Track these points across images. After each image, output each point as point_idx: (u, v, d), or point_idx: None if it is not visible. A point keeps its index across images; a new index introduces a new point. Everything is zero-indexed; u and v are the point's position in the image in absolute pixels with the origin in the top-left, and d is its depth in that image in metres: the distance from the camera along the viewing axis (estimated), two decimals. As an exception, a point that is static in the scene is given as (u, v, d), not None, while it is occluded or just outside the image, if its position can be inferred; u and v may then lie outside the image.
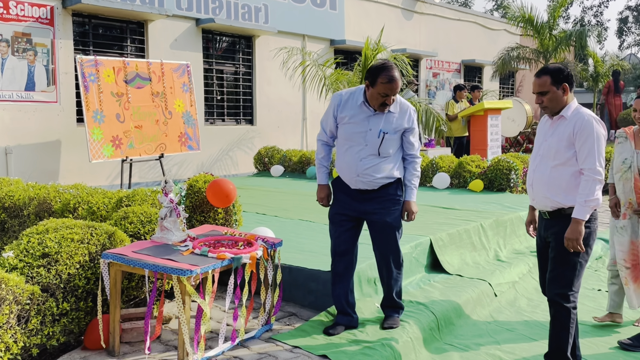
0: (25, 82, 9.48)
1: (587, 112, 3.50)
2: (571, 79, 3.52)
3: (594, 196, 3.39)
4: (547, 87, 3.50)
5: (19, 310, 3.20)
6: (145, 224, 4.33)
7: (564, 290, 3.52)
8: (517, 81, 23.46)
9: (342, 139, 4.10)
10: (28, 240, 3.65)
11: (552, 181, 3.53)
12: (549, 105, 3.53)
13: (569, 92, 3.51)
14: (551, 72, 3.50)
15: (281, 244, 4.10)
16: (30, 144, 9.64)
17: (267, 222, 6.32)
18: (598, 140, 3.42)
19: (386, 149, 4.01)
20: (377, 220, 4.07)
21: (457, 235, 5.94)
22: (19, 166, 9.44)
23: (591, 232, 3.53)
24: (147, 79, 9.81)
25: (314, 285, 4.51)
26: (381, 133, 3.97)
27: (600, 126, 3.45)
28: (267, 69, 13.50)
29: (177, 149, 10.26)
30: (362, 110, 4.00)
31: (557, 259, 3.55)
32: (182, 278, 3.31)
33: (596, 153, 3.41)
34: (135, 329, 3.82)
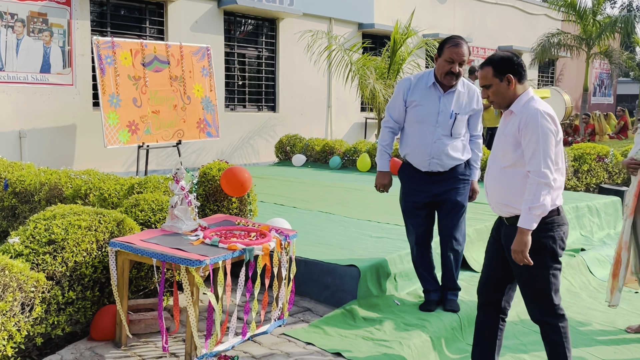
0: (40, 64, 9.61)
1: (537, 105, 3.21)
2: (518, 68, 3.27)
3: (539, 202, 3.12)
4: (490, 79, 3.28)
5: (22, 298, 3.25)
6: (157, 212, 4.37)
7: (547, 308, 3.34)
8: (557, 70, 23.12)
9: (412, 122, 4.33)
10: (35, 226, 3.70)
11: (503, 185, 3.32)
12: (495, 100, 3.32)
13: (517, 83, 3.26)
14: (493, 63, 3.28)
15: (296, 236, 4.10)
16: (44, 128, 9.78)
17: (284, 213, 6.34)
18: (544, 137, 3.15)
19: (458, 130, 4.28)
20: (447, 200, 4.33)
21: (485, 231, 5.88)
22: (33, 151, 9.59)
23: (554, 240, 3.26)
24: (165, 62, 9.87)
25: (330, 280, 4.51)
26: (453, 114, 4.23)
27: (548, 121, 3.16)
28: (291, 53, 13.50)
29: (195, 136, 10.33)
30: (433, 92, 4.25)
31: (523, 275, 3.33)
32: (191, 269, 3.33)
33: (541, 152, 3.14)
34: (143, 321, 3.86)
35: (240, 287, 3.69)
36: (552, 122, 3.18)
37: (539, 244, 3.23)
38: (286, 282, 4.04)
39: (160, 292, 3.53)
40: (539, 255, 3.24)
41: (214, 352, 3.54)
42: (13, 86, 9.34)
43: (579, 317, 4.93)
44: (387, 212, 6.60)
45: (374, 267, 4.56)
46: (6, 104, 9.30)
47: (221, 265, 3.51)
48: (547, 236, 3.25)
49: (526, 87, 3.33)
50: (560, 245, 3.32)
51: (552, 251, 3.27)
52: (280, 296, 4.01)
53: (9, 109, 9.34)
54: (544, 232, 3.23)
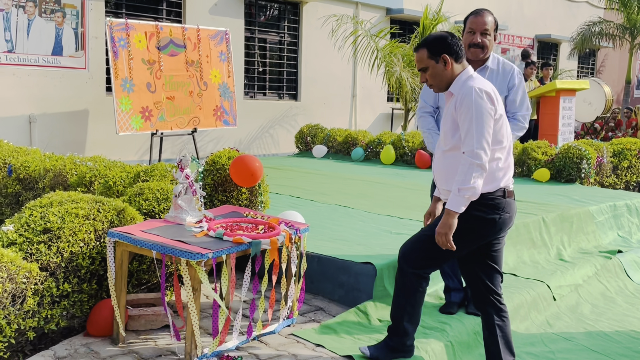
0: (52, 46, 9.62)
1: (473, 83, 3.18)
2: (454, 47, 3.24)
3: (469, 184, 3.09)
4: (425, 61, 3.27)
5: (13, 289, 3.19)
6: (161, 202, 4.29)
7: (411, 262, 3.39)
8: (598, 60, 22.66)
9: (441, 105, 4.20)
10: (30, 214, 3.64)
11: (445, 170, 3.31)
12: (434, 83, 3.30)
13: (454, 63, 3.25)
14: (427, 44, 3.27)
15: (308, 230, 3.98)
16: (55, 113, 9.79)
17: (300, 206, 6.23)
18: (478, 116, 3.10)
19: None
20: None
21: (515, 230, 5.71)
22: (43, 136, 9.61)
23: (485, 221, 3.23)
24: (181, 45, 9.81)
25: (345, 278, 4.39)
26: None
27: (482, 99, 3.11)
28: (314, 39, 13.37)
29: (211, 124, 10.27)
30: None
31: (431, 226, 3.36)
32: (192, 262, 3.24)
33: (474, 132, 3.09)
34: (143, 317, 3.78)
35: (246, 283, 3.59)
36: (488, 99, 3.14)
37: (466, 212, 3.18)
38: (296, 279, 3.93)
39: (162, 287, 3.44)
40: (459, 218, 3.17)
41: (217, 351, 3.44)
42: (23, 69, 9.35)
43: (614, 325, 4.76)
44: (408, 207, 6.46)
45: (391, 266, 4.43)
46: (16, 87, 9.32)
47: (225, 259, 3.42)
48: (478, 210, 3.21)
49: (465, 66, 3.30)
50: (488, 228, 3.25)
51: (470, 224, 3.21)
52: (290, 294, 3.90)
53: (19, 93, 9.36)
54: (478, 206, 3.21)
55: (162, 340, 3.68)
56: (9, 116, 9.31)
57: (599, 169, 8.86)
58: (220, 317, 3.39)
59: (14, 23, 9.15)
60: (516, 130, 4.15)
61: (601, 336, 4.47)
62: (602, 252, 6.15)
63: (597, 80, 15.29)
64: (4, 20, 9.04)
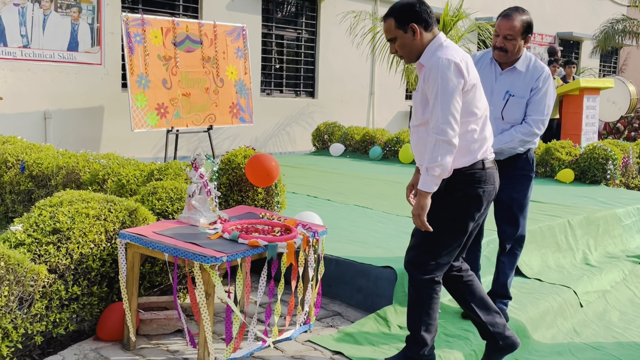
0: (67, 42, 9.55)
1: (442, 53, 3.01)
2: (423, 15, 3.08)
3: (437, 162, 2.97)
4: (393, 31, 3.12)
5: (20, 292, 3.08)
6: (175, 202, 4.16)
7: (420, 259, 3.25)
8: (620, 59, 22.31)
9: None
10: (39, 214, 3.53)
11: (417, 145, 3.23)
12: (404, 54, 3.16)
13: (424, 31, 3.10)
14: (394, 13, 3.11)
15: (326, 232, 3.84)
16: (70, 109, 9.73)
17: (317, 207, 6.09)
18: (444, 89, 2.95)
19: (511, 114, 3.97)
20: (502, 196, 4.00)
21: (539, 233, 5.54)
22: (58, 133, 9.54)
23: (468, 196, 3.14)
24: (198, 42, 9.70)
25: (364, 282, 4.25)
26: (507, 95, 3.97)
27: (450, 70, 2.95)
28: (332, 35, 13.22)
29: (227, 121, 10.15)
30: (490, 69, 4.06)
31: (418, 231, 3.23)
32: (206, 266, 3.11)
33: (440, 106, 2.96)
34: (155, 321, 3.66)
35: (262, 287, 3.46)
36: (455, 70, 2.98)
37: (446, 193, 3.12)
38: (313, 283, 3.79)
39: (175, 291, 3.31)
40: (444, 204, 3.12)
41: (230, 359, 3.31)
42: (39, 64, 9.29)
43: (644, 334, 4.58)
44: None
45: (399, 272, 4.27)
46: (31, 83, 9.26)
47: (240, 262, 3.28)
48: (460, 188, 3.13)
49: (435, 34, 3.14)
50: (473, 203, 3.15)
51: (459, 205, 3.14)
52: (307, 299, 3.76)
53: (34, 88, 9.30)
54: (458, 184, 3.12)
55: (174, 345, 3.56)
56: (24, 112, 9.25)
57: (624, 170, 8.64)
58: (234, 323, 3.26)
59: (30, 18, 9.09)
60: (522, 134, 3.96)
61: (632, 346, 4.29)
62: (629, 257, 5.96)
63: (621, 78, 14.99)
64: (19, 15, 8.99)
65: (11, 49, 8.96)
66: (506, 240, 4.18)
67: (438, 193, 3.10)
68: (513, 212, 4.09)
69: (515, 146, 3.97)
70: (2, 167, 6.09)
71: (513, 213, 4.10)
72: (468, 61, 3.10)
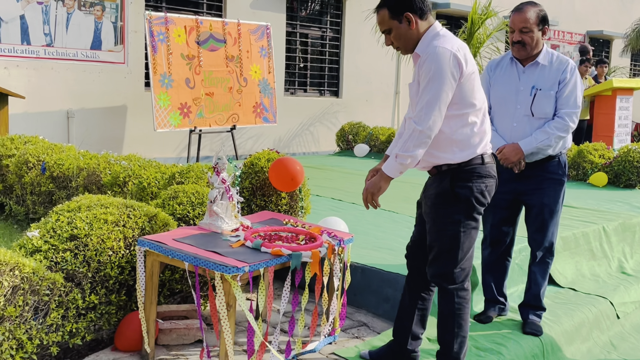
0: (91, 40, 9.51)
1: (438, 42, 2.92)
2: (417, 3, 2.98)
3: (409, 152, 2.93)
4: (387, 22, 3.03)
5: (35, 301, 2.97)
6: (196, 206, 4.05)
7: (446, 269, 3.12)
8: (652, 58, 21.83)
9: (493, 103, 4.03)
10: (57, 219, 3.44)
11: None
12: (400, 45, 3.07)
13: (419, 20, 3.00)
14: (388, 3, 3.01)
15: (352, 241, 3.70)
16: (93, 108, 9.69)
17: (342, 210, 5.95)
18: (435, 79, 2.87)
19: (541, 108, 3.85)
20: (532, 202, 3.93)
21: (573, 240, 5.34)
22: (80, 132, 9.51)
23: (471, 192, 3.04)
24: (221, 40, 9.61)
25: (391, 291, 4.10)
26: (533, 90, 3.86)
27: (447, 62, 2.86)
28: (357, 34, 13.06)
29: (251, 121, 10.05)
30: (512, 69, 3.97)
31: (432, 230, 3.15)
32: (227, 276, 2.98)
33: (426, 96, 2.89)
34: (175, 330, 3.55)
35: (285, 298, 3.32)
36: (452, 61, 2.88)
37: (452, 194, 3.04)
38: (338, 293, 3.65)
39: (197, 300, 3.18)
40: (451, 207, 3.06)
41: (252, 372, 3.18)
42: (62, 63, 9.26)
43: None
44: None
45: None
46: (54, 82, 9.23)
47: (263, 272, 3.15)
48: (463, 186, 3.04)
49: (431, 22, 3.05)
50: (479, 200, 3.07)
51: (467, 205, 3.05)
52: (332, 310, 3.62)
53: (58, 87, 9.27)
54: (460, 181, 3.04)
55: (194, 356, 3.44)
56: (47, 111, 9.22)
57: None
58: (256, 338, 3.13)
59: (53, 16, 9.06)
60: (557, 130, 3.81)
61: (673, 361, 4.09)
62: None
63: (654, 78, 14.62)
64: (43, 14, 8.96)
65: (35, 47, 8.94)
66: (537, 249, 4.02)
67: (443, 193, 3.06)
68: (544, 219, 3.94)
69: (551, 144, 3.82)
70: (23, 167, 6.04)
71: (544, 220, 3.94)
72: (466, 52, 3.00)
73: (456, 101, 2.97)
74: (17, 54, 8.80)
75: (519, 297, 4.61)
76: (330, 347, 3.65)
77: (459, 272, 3.14)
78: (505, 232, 4.13)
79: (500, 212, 4.07)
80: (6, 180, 6.29)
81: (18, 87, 8.68)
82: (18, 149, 6.30)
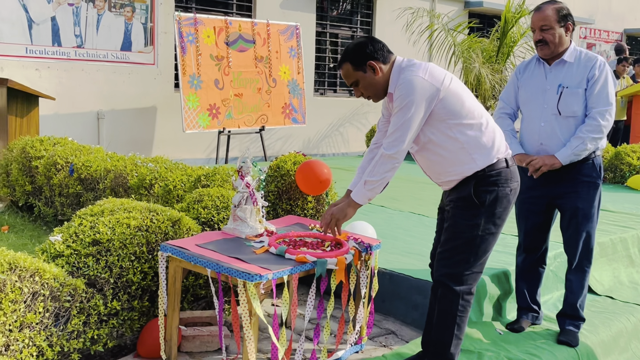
0: (121, 41, 9.54)
1: (410, 71, 2.94)
2: (378, 52, 3.01)
3: (378, 177, 2.99)
4: (353, 75, 3.07)
5: (56, 308, 2.93)
6: (221, 210, 3.98)
7: (456, 270, 3.10)
8: (693, 56, 21.27)
9: (522, 104, 3.98)
10: (80, 223, 3.39)
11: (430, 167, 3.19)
12: (371, 94, 3.11)
13: (382, 65, 3.03)
14: (349, 58, 3.05)
15: (379, 247, 3.59)
16: (123, 110, 9.73)
17: (370, 213, 5.84)
18: (408, 105, 2.89)
19: (568, 106, 3.73)
20: (566, 205, 3.81)
21: (610, 246, 5.17)
22: (110, 133, 9.55)
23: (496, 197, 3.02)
24: (250, 41, 9.57)
25: (420, 298, 3.98)
26: (560, 88, 3.76)
27: (420, 86, 2.88)
28: (387, 33, 12.93)
29: (279, 122, 9.99)
30: (539, 69, 3.89)
31: (448, 230, 3.13)
32: (249, 284, 2.90)
33: (398, 121, 2.92)
34: (198, 337, 3.48)
35: (310, 305, 3.24)
36: (422, 86, 2.89)
37: (475, 198, 3.01)
38: (365, 301, 3.55)
39: (220, 307, 3.12)
40: (472, 210, 3.03)
41: (276, 382, 3.11)
42: (92, 64, 9.31)
43: None
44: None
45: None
46: (85, 83, 9.29)
47: (286, 280, 3.07)
48: (488, 191, 3.01)
49: (392, 59, 3.06)
50: (503, 204, 3.04)
51: (489, 209, 3.02)
52: (358, 318, 3.52)
53: (88, 89, 9.32)
54: (484, 185, 3.01)
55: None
56: (78, 112, 9.28)
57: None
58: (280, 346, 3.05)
59: (84, 18, 9.11)
60: (590, 132, 3.66)
61: None
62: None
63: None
64: (73, 15, 9.02)
65: (65, 49, 9.00)
66: (572, 255, 3.88)
67: (466, 197, 3.03)
68: (578, 224, 3.80)
69: (588, 148, 3.69)
70: (51, 169, 6.05)
71: (578, 224, 3.80)
72: (436, 70, 3.00)
73: (450, 115, 2.97)
74: (48, 56, 8.87)
75: (553, 305, 4.48)
76: (357, 355, 3.56)
77: (469, 274, 3.11)
78: (540, 238, 4.01)
79: (533, 217, 3.95)
80: (35, 182, 6.32)
81: (49, 88, 8.75)
82: (47, 151, 6.32)
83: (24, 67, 8.66)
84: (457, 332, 3.17)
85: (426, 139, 3.06)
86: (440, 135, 3.01)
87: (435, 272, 3.26)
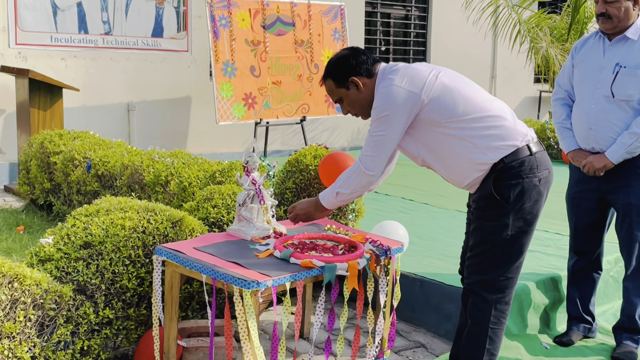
0: (152, 27, 9.63)
1: (387, 81, 2.93)
2: (361, 65, 3.01)
3: (349, 190, 3.07)
4: (336, 92, 3.11)
5: (40, 317, 2.94)
6: (231, 210, 3.94)
7: (489, 277, 3.00)
8: None
9: (575, 84, 3.84)
10: (73, 224, 3.40)
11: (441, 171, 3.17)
12: (357, 111, 3.15)
13: (366, 79, 3.03)
14: (330, 74, 3.08)
15: (401, 250, 3.47)
16: (155, 100, 9.83)
17: (411, 212, 5.72)
18: (383, 120, 2.92)
19: (623, 89, 3.57)
20: (618, 202, 3.70)
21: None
22: (142, 125, 9.66)
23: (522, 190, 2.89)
24: (290, 24, 9.52)
25: (453, 308, 3.85)
26: (616, 67, 3.60)
27: (394, 97, 2.87)
28: (446, 11, 12.70)
29: (323, 112, 9.92)
30: (598, 45, 3.75)
31: (476, 232, 3.04)
32: (245, 292, 2.84)
33: (373, 136, 2.99)
34: (202, 349, 3.45)
35: (319, 317, 3.15)
36: (398, 96, 2.88)
37: (498, 194, 2.90)
38: (386, 311, 3.44)
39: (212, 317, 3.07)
40: (498, 208, 2.92)
41: (281, 401, 3.04)
42: (122, 52, 9.43)
43: None
44: (550, 216, 5.72)
45: (516, 294, 3.83)
46: (114, 73, 9.42)
47: (289, 287, 2.99)
48: (512, 184, 2.89)
49: (377, 70, 3.05)
50: (533, 197, 2.91)
51: (515, 205, 2.89)
52: (378, 329, 3.42)
53: (117, 78, 9.45)
54: (507, 179, 2.89)
55: (220, 379, 3.33)
56: (107, 104, 9.42)
57: None
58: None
59: (112, 3, 9.23)
60: None
61: None
62: None
63: None
64: (101, 0, 9.15)
65: (92, 36, 9.14)
66: (628, 259, 3.69)
67: (488, 195, 2.93)
68: (632, 222, 3.63)
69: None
70: (69, 165, 6.14)
71: (632, 223, 3.63)
72: (415, 73, 2.96)
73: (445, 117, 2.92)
74: (74, 44, 9.02)
75: (613, 316, 4.28)
76: (378, 372, 3.46)
77: (504, 280, 3.01)
78: (593, 239, 3.84)
79: (585, 215, 3.79)
80: (54, 179, 6.43)
81: (75, 78, 8.90)
82: (66, 145, 6.42)
83: (49, 56, 8.84)
84: (490, 346, 3.07)
85: (428, 150, 3.04)
86: (442, 139, 2.95)
87: (465, 279, 3.18)
